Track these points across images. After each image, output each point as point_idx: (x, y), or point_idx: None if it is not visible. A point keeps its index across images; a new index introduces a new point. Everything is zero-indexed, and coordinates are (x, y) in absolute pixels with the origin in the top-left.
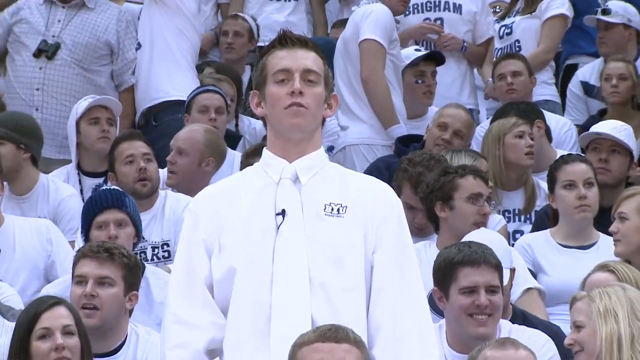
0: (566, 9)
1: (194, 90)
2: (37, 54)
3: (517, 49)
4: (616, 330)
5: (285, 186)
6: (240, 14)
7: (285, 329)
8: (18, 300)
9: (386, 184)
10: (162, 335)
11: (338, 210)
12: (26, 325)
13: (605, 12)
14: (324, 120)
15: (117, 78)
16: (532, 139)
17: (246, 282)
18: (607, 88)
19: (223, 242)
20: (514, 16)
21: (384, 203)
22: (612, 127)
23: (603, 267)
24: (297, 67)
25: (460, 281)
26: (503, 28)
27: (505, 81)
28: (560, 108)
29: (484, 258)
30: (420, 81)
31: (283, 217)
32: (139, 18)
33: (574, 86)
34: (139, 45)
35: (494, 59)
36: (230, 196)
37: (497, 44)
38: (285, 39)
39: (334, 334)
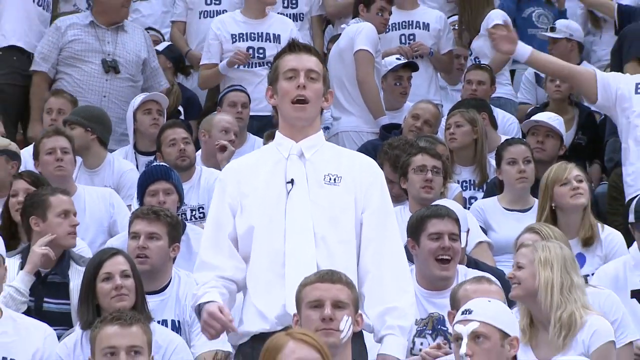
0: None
1: (225, 89)
2: (107, 69)
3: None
4: (551, 278)
5: (293, 160)
6: None
7: (296, 272)
8: (88, 251)
9: (371, 159)
10: (194, 277)
11: (335, 180)
12: (92, 270)
13: (552, 29)
14: (322, 110)
15: (145, 82)
16: (459, 127)
17: (264, 236)
18: (552, 87)
19: (244, 204)
20: None
21: (370, 173)
22: (548, 117)
23: (530, 229)
24: (302, 67)
25: (429, 229)
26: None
27: (471, 86)
28: (512, 103)
29: (447, 212)
30: (398, 84)
31: (292, 185)
32: None
33: (529, 73)
34: None
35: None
36: (250, 168)
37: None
38: (293, 46)
39: (330, 277)
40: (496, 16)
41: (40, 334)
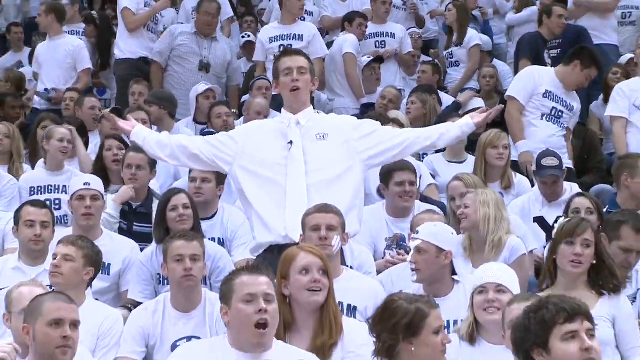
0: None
1: (255, 78)
2: (201, 68)
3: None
4: (488, 213)
5: (292, 127)
6: None
7: (293, 206)
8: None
9: (346, 115)
10: None
11: (323, 136)
12: (163, 203)
13: None
14: (312, 93)
15: (229, 79)
16: (413, 104)
17: (272, 180)
18: (484, 82)
19: (254, 153)
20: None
21: (348, 122)
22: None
23: (456, 177)
24: (294, 65)
25: (395, 179)
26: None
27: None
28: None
29: (407, 165)
30: (373, 73)
31: (291, 144)
32: None
33: None
34: None
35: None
36: (264, 131)
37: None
38: (286, 51)
39: (325, 208)
40: None
41: (129, 246)
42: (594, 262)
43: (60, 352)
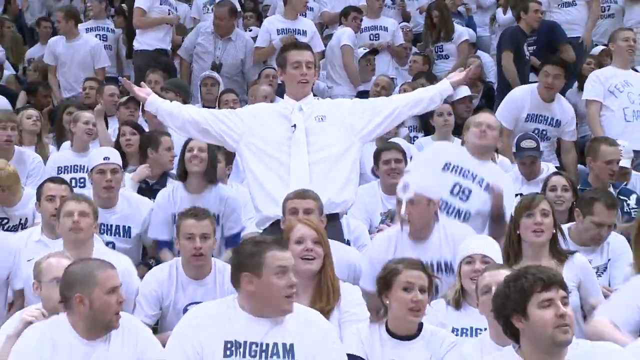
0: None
1: (263, 67)
2: (212, 68)
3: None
4: None
5: (295, 112)
6: None
7: (297, 183)
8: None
9: (341, 98)
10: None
11: (322, 118)
12: (184, 146)
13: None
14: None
15: (246, 75)
16: (405, 91)
17: (276, 157)
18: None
19: (260, 133)
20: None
21: (342, 106)
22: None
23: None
24: (303, 60)
25: (382, 158)
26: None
27: (415, 65)
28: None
29: (393, 145)
30: (368, 64)
31: (295, 128)
32: None
33: None
34: None
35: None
36: (268, 114)
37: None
38: (295, 45)
39: (302, 193)
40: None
41: (145, 207)
42: (554, 231)
43: (115, 318)
